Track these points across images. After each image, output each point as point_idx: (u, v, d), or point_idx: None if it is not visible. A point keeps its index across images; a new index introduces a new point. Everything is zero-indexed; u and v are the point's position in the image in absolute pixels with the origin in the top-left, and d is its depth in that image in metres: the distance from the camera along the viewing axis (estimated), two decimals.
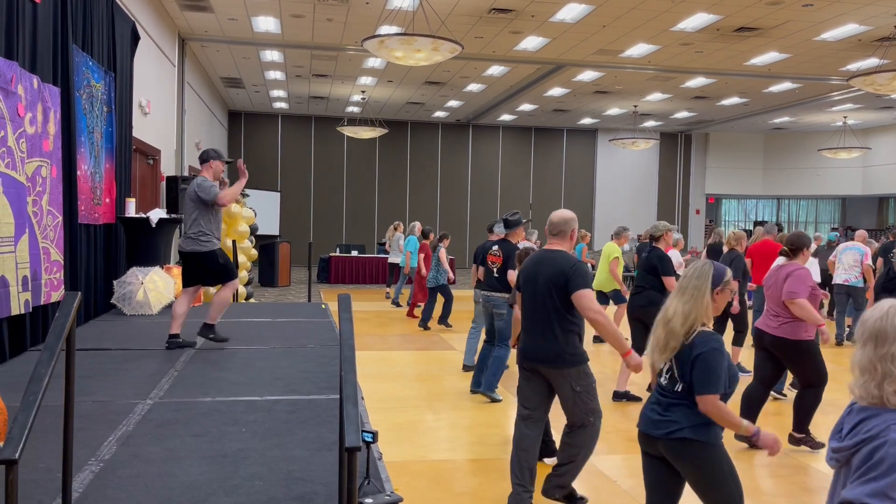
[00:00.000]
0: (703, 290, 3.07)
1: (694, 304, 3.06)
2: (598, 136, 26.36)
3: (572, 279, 4.07)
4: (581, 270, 4.11)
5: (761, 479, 5.13)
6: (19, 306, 5.87)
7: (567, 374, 4.13)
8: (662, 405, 3.10)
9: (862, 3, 11.39)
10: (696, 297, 3.06)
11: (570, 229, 4.33)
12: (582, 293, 4.05)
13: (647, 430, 3.12)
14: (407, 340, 10.33)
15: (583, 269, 4.14)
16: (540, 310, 4.17)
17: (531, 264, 4.31)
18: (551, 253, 4.25)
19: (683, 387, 3.04)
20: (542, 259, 4.27)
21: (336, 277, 19.20)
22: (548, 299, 4.13)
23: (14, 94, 5.74)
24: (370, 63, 16.43)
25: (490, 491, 4.63)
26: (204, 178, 6.40)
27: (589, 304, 4.04)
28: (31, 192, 6.19)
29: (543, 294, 4.15)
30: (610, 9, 12.05)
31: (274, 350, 6.47)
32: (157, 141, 12.07)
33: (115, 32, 8.88)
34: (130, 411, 4.41)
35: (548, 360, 4.15)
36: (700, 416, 3.00)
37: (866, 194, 25.89)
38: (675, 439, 3.01)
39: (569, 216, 4.36)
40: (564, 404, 4.20)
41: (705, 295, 3.07)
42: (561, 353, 4.12)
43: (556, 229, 4.33)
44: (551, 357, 4.14)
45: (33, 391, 2.44)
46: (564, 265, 4.12)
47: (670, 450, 3.05)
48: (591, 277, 4.11)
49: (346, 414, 2.49)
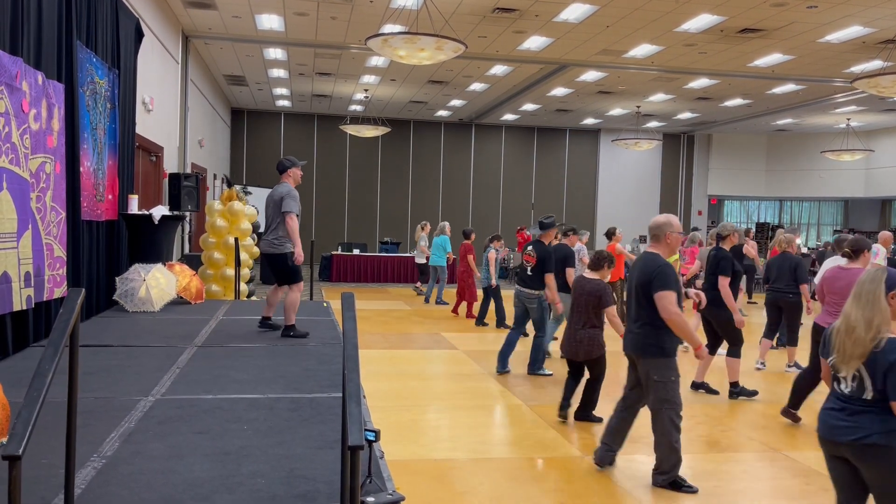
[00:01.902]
0: (878, 294, 3.10)
1: (873, 309, 3.09)
2: (600, 136, 26.34)
3: (654, 281, 4.48)
4: (663, 273, 4.48)
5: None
6: (21, 302, 5.87)
7: (648, 363, 4.59)
8: (847, 412, 3.13)
9: (867, 5, 11.37)
10: (873, 301, 3.09)
11: (663, 233, 4.68)
12: (661, 294, 4.44)
13: (831, 436, 3.16)
14: (408, 339, 10.34)
15: (665, 271, 4.49)
16: (633, 305, 4.67)
17: (634, 264, 4.81)
18: (645, 255, 4.69)
19: (874, 395, 3.05)
20: (638, 260, 4.75)
21: (338, 276, 19.20)
22: (637, 296, 4.60)
23: (19, 90, 5.74)
24: (373, 62, 16.43)
25: (492, 490, 4.63)
26: (293, 189, 6.81)
27: (665, 306, 4.43)
28: (35, 189, 6.19)
29: (634, 291, 4.64)
30: (614, 9, 12.04)
31: (276, 347, 6.47)
32: (160, 138, 12.08)
33: (119, 29, 8.89)
34: (133, 408, 4.42)
35: (635, 349, 4.68)
36: (890, 423, 3.01)
37: (869, 196, 25.86)
38: (865, 445, 3.04)
39: (662, 221, 4.73)
40: (645, 390, 4.69)
41: (881, 299, 3.10)
42: (643, 343, 4.59)
43: (651, 233, 4.78)
44: (636, 346, 4.66)
45: (37, 387, 2.44)
46: (650, 267, 4.54)
47: (859, 455, 3.08)
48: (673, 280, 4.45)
49: (350, 412, 2.49)
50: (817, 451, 5.63)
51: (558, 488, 4.75)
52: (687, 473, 5.01)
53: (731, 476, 5.06)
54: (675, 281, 4.51)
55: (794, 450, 5.67)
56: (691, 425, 6.24)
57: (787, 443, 5.84)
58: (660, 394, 4.58)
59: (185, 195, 11.30)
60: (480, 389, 7.41)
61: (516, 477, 4.90)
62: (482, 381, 7.77)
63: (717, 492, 4.73)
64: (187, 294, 8.99)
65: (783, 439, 5.95)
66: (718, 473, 5.10)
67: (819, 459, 5.44)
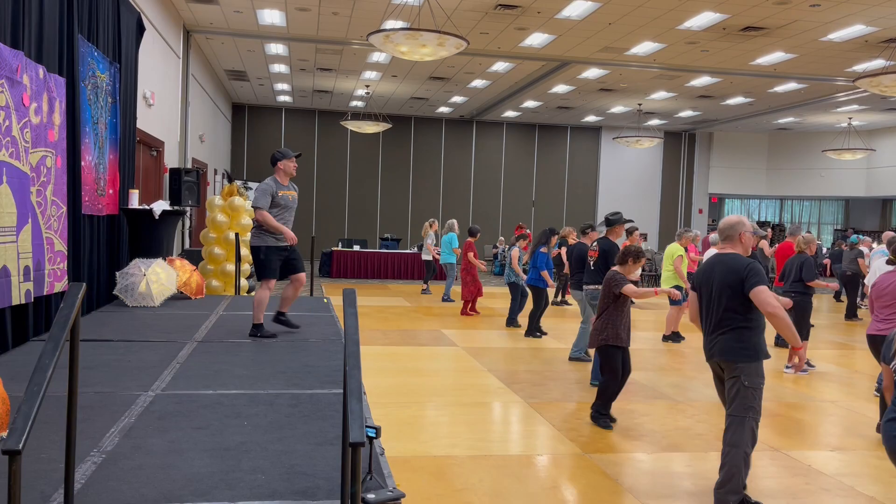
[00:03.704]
0: None
1: None
2: (601, 133, 26.32)
3: (747, 278, 4.29)
4: (755, 269, 4.33)
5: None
6: (20, 296, 5.87)
7: (736, 368, 4.35)
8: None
9: (869, 4, 11.34)
10: None
11: (737, 232, 4.55)
12: (759, 290, 4.27)
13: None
14: (409, 335, 10.33)
15: (756, 268, 4.35)
16: (716, 309, 4.43)
17: (706, 267, 4.58)
18: (724, 256, 4.50)
19: None
20: (716, 262, 4.52)
21: (338, 272, 19.20)
22: (723, 299, 4.38)
23: (19, 83, 5.73)
24: (375, 57, 16.40)
25: (491, 487, 4.63)
26: (268, 181, 6.73)
27: (766, 299, 4.26)
28: (35, 183, 6.18)
29: (717, 293, 4.41)
30: (616, 6, 12.02)
31: (276, 343, 6.47)
32: (160, 133, 12.06)
33: (121, 23, 8.87)
34: (133, 403, 4.41)
35: (721, 353, 4.42)
36: None
37: (870, 196, 25.85)
38: None
39: (734, 220, 4.59)
40: (728, 395, 4.41)
41: None
42: (733, 348, 4.36)
43: (724, 234, 4.62)
44: (724, 351, 4.39)
45: (37, 382, 2.43)
46: (738, 266, 4.36)
47: None
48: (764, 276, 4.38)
49: (351, 409, 2.48)
50: (818, 450, 5.64)
51: (558, 485, 4.74)
52: (687, 472, 5.01)
53: None
54: (766, 277, 4.40)
55: (794, 449, 5.67)
56: (691, 424, 6.24)
57: (788, 442, 5.84)
58: (748, 401, 4.32)
59: (186, 190, 11.29)
60: (480, 386, 7.41)
61: (516, 474, 4.90)
62: (482, 378, 7.76)
63: None
64: (187, 289, 8.98)
65: (783, 439, 5.94)
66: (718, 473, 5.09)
67: (820, 458, 5.44)
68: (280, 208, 6.69)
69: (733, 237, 4.57)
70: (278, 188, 6.68)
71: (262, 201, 6.61)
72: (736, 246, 4.56)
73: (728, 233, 4.59)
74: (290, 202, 6.81)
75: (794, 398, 7.39)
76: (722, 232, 4.64)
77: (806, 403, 6.33)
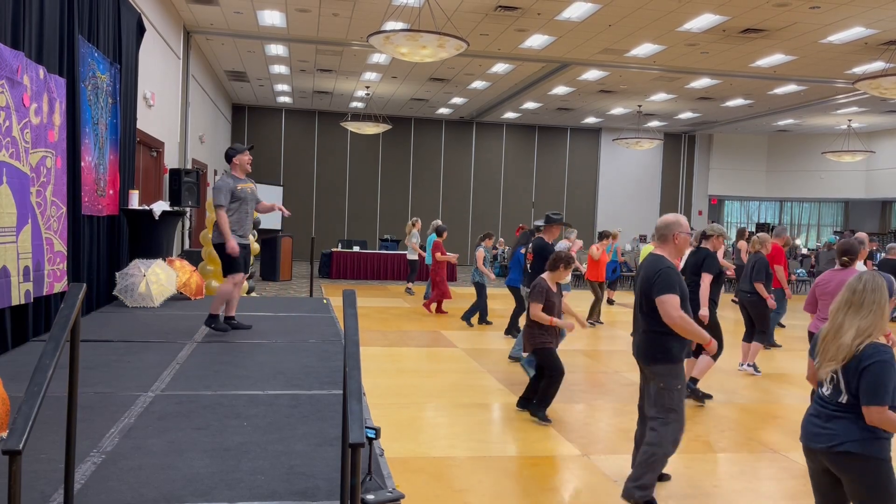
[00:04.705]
0: (882, 304, 3.01)
1: (874, 319, 2.99)
2: (601, 135, 26.33)
3: (654, 286, 4.23)
4: (664, 277, 4.22)
5: None
6: (20, 296, 5.87)
7: (653, 370, 4.33)
8: (822, 417, 3.07)
9: (869, 7, 11.35)
10: (876, 311, 3.01)
11: (671, 233, 4.42)
12: (662, 299, 4.18)
13: (808, 443, 3.11)
14: (408, 336, 10.33)
15: (668, 274, 4.23)
16: (637, 310, 4.43)
17: (639, 268, 4.54)
18: (649, 258, 4.43)
19: (848, 399, 2.98)
20: (643, 264, 4.47)
21: (338, 272, 19.20)
22: (641, 302, 4.36)
23: (20, 84, 5.73)
24: (375, 59, 16.41)
25: (491, 487, 4.63)
26: (223, 178, 6.90)
27: (666, 310, 4.17)
28: (35, 183, 6.18)
29: (637, 295, 4.41)
30: (616, 8, 12.03)
31: (276, 344, 6.47)
32: (160, 133, 12.07)
33: (121, 24, 8.87)
34: (132, 403, 4.42)
35: (638, 355, 4.44)
36: (865, 430, 2.94)
37: (870, 197, 25.86)
38: (838, 452, 2.98)
39: (671, 220, 4.46)
40: (649, 397, 4.39)
41: (885, 309, 3.02)
42: (649, 350, 4.34)
43: (659, 233, 4.49)
44: (641, 353, 4.40)
45: (38, 382, 2.43)
46: (651, 272, 4.29)
47: (833, 462, 3.02)
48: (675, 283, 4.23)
49: (350, 410, 2.49)
50: None
51: (557, 486, 4.75)
52: (686, 473, 5.01)
53: (730, 476, 5.06)
54: (678, 283, 4.27)
55: (792, 450, 5.67)
56: (689, 426, 6.25)
57: (786, 443, 5.84)
58: (667, 402, 4.27)
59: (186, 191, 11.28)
60: (479, 387, 7.41)
61: (515, 475, 4.90)
62: (481, 379, 7.76)
63: (717, 492, 4.73)
64: (187, 290, 8.99)
65: (782, 440, 5.95)
66: (717, 474, 5.10)
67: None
68: (240, 201, 6.89)
69: (667, 237, 4.42)
70: (236, 183, 6.89)
71: (222, 199, 6.75)
72: (668, 247, 4.41)
73: (662, 232, 4.44)
74: (249, 194, 7.00)
75: (794, 400, 7.40)
76: (657, 230, 4.48)
77: (806, 405, 6.34)
